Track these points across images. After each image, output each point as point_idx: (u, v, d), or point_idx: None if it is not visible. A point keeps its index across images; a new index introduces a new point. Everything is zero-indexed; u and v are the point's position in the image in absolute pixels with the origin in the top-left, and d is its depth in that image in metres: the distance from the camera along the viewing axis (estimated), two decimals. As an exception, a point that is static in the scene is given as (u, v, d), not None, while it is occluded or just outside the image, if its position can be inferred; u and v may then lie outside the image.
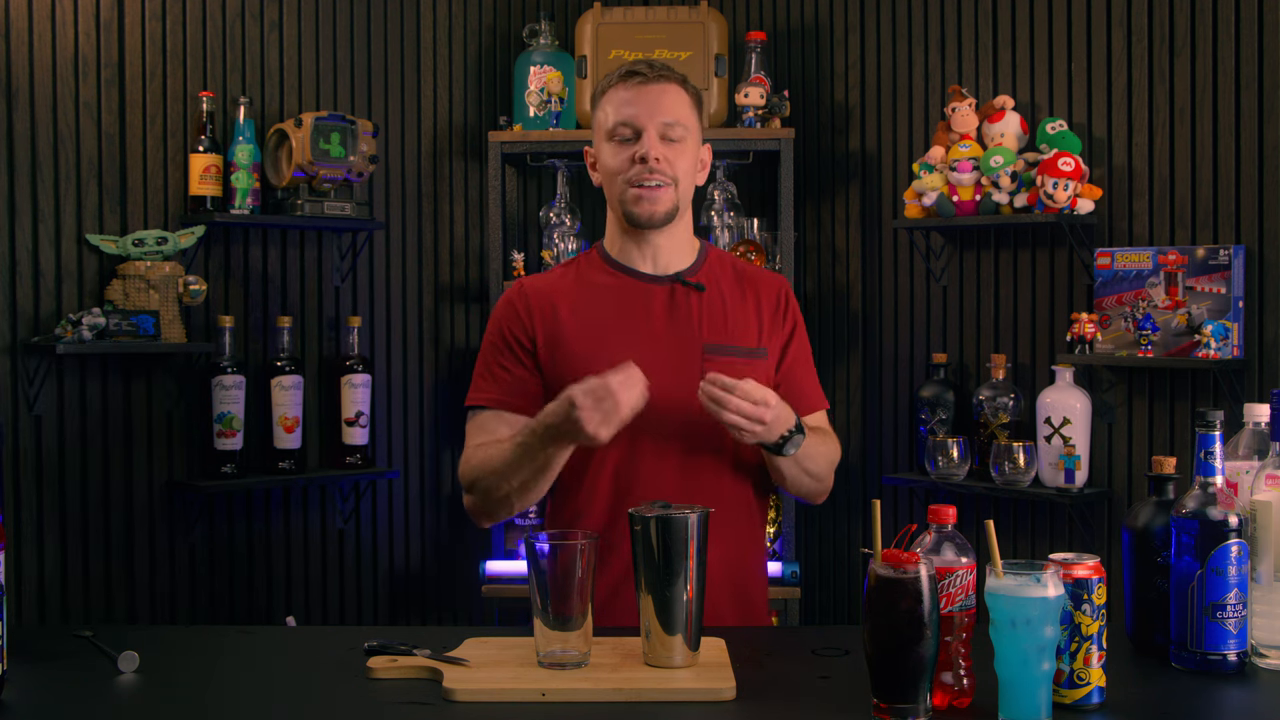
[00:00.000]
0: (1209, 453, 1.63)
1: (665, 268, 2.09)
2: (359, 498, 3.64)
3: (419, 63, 3.76)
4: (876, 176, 3.67)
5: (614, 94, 2.05)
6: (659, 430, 1.99)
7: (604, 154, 2.07)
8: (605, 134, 2.06)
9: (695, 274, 2.10)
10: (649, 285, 2.08)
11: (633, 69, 2.05)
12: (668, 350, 2.03)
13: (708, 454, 2.03)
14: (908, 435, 3.63)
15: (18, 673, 1.63)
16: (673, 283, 2.08)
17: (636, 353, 1.96)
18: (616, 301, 2.07)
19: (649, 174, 2.01)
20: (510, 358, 2.06)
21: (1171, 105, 3.11)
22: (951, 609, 1.50)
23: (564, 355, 2.04)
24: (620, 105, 2.04)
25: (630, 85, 2.04)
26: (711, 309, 2.08)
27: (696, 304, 2.07)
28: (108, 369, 3.18)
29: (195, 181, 3.26)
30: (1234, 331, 2.96)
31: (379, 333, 3.69)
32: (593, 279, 2.11)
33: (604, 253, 2.14)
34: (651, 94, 2.03)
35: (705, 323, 2.06)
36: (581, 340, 2.04)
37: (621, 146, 2.04)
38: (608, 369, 1.88)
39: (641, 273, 2.09)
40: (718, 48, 3.58)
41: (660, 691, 1.55)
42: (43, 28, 3.09)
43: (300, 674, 1.70)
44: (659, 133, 2.02)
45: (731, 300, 2.09)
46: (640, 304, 2.07)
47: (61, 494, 3.12)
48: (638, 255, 2.09)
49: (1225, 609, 1.59)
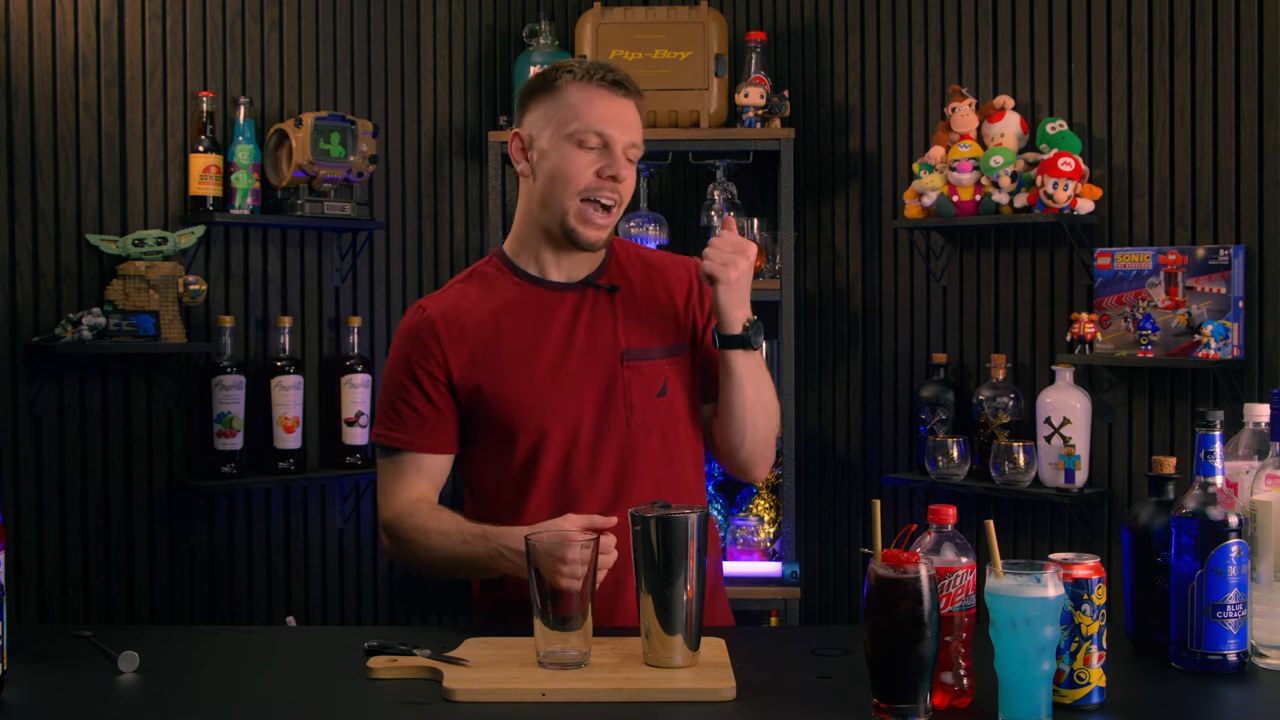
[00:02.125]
0: (1209, 453, 1.63)
1: (573, 274, 2.01)
2: (359, 498, 3.64)
3: (419, 63, 3.76)
4: (876, 176, 3.67)
5: (590, 94, 1.94)
6: (590, 442, 1.95)
7: (562, 154, 1.94)
8: (567, 134, 1.93)
9: (605, 274, 2.02)
10: (559, 295, 1.99)
11: (616, 78, 1.95)
12: (585, 362, 1.96)
13: (640, 459, 1.97)
14: (908, 435, 3.63)
15: (18, 673, 1.62)
16: (583, 288, 2.00)
17: (554, 365, 1.93)
18: (529, 315, 1.98)
19: (610, 192, 1.93)
20: (420, 396, 1.96)
21: (1171, 105, 3.11)
22: (951, 609, 1.50)
23: (476, 381, 1.95)
24: (600, 112, 1.93)
25: (614, 95, 1.95)
26: (627, 309, 2.00)
27: (609, 307, 2.00)
28: (108, 369, 3.18)
29: (195, 181, 3.26)
30: (1234, 331, 2.96)
31: (379, 333, 3.69)
32: (500, 293, 2.00)
33: (508, 261, 2.03)
34: (626, 109, 1.95)
35: (621, 325, 1.99)
36: (493, 364, 1.95)
37: (586, 154, 1.93)
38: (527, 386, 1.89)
39: (551, 281, 2.00)
40: (718, 48, 3.57)
41: (660, 691, 1.55)
42: (43, 28, 3.09)
43: (300, 674, 1.70)
44: (624, 152, 1.94)
45: (645, 296, 2.02)
46: (552, 316, 1.98)
47: (61, 494, 3.12)
48: (552, 265, 2.01)
49: (1225, 609, 1.59)
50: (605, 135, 1.93)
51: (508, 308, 1.98)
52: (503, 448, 1.96)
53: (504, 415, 1.95)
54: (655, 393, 1.98)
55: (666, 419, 1.98)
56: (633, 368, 1.97)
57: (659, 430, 1.97)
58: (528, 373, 1.94)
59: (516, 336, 1.97)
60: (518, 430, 1.94)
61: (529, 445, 1.94)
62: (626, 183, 1.96)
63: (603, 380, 1.96)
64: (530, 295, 2.00)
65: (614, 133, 1.93)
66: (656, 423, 1.97)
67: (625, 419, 1.95)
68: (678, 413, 2.00)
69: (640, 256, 2.08)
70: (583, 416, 1.95)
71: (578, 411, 1.95)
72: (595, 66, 1.97)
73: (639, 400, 1.96)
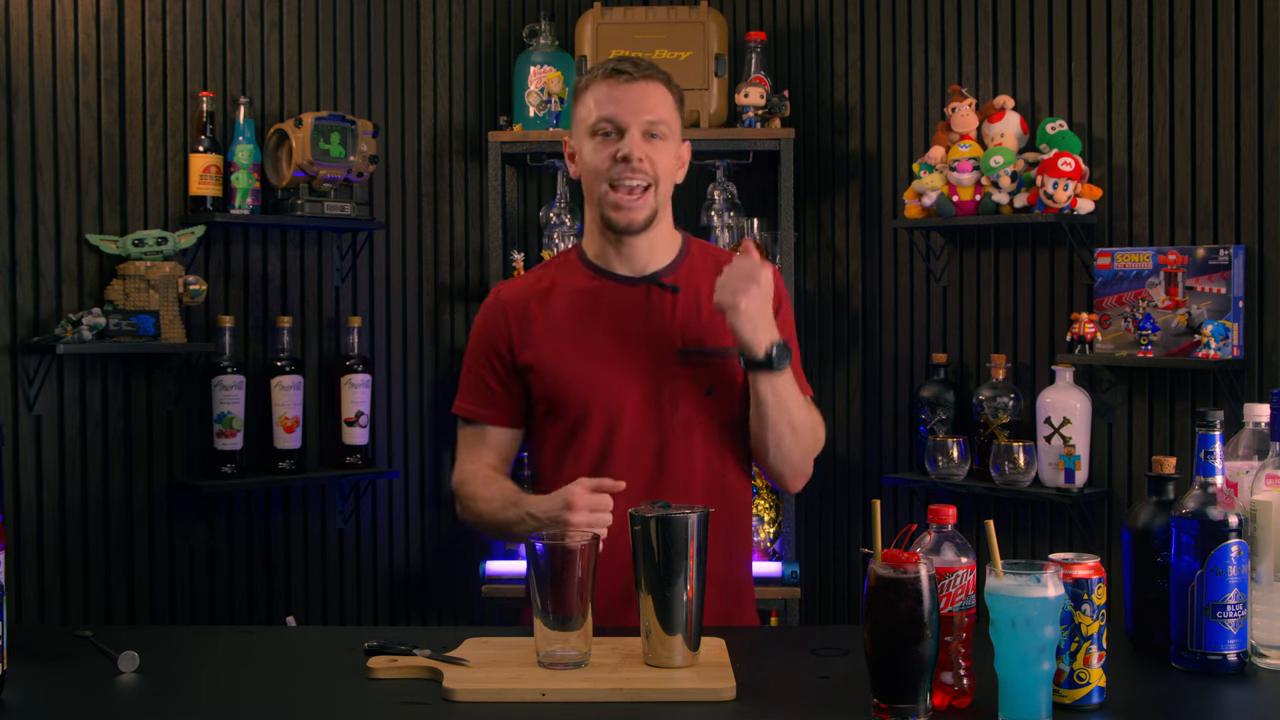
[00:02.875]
0: (1209, 453, 1.63)
1: (643, 268, 2.08)
2: (359, 498, 3.64)
3: (419, 63, 3.76)
4: (876, 176, 3.67)
5: (597, 89, 2.04)
6: (630, 431, 2.01)
7: (584, 150, 2.06)
8: (587, 129, 2.04)
9: (673, 273, 2.09)
10: (624, 288, 2.07)
11: (618, 67, 2.03)
12: (641, 354, 2.03)
13: (680, 454, 2.02)
14: (908, 435, 3.63)
15: (18, 673, 1.63)
16: (648, 284, 2.07)
17: (608, 360, 2.01)
18: (591, 305, 2.07)
19: (630, 173, 2.00)
20: (490, 371, 2.08)
21: (1171, 105, 3.11)
22: (951, 609, 1.50)
23: (538, 362, 2.05)
24: (604, 101, 2.02)
25: (616, 83, 2.02)
26: (687, 310, 2.06)
27: (671, 305, 2.06)
28: (108, 369, 3.18)
29: (195, 181, 3.26)
30: (1234, 331, 2.96)
31: (379, 333, 3.69)
32: (569, 282, 2.10)
33: (582, 254, 2.13)
34: (636, 92, 2.02)
35: (680, 324, 2.05)
36: (554, 347, 2.05)
37: (603, 143, 2.02)
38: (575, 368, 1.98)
39: (618, 275, 2.08)
40: (718, 48, 3.58)
41: (660, 691, 1.55)
42: (43, 28, 3.09)
43: (300, 674, 1.70)
44: (642, 131, 2.01)
45: (708, 298, 2.05)
46: (614, 308, 2.06)
47: (61, 494, 3.12)
48: (615, 257, 2.09)
49: (1225, 609, 1.59)
50: (614, 120, 2.01)
51: (571, 295, 2.08)
52: (549, 427, 2.07)
53: (550, 393, 2.05)
54: (704, 392, 2.04)
55: (712, 418, 2.04)
56: (684, 366, 2.03)
57: (702, 429, 2.03)
58: (578, 356, 2.03)
59: (575, 322, 2.06)
60: (562, 409, 2.04)
61: (569, 425, 2.02)
62: (652, 160, 2.02)
63: (652, 374, 2.02)
64: (597, 286, 2.09)
65: (623, 116, 2.01)
66: (701, 421, 2.03)
67: (670, 413, 2.01)
68: (724, 413, 2.06)
69: (715, 258, 2.14)
70: (625, 405, 2.01)
71: (621, 399, 2.01)
72: (608, 62, 2.07)
73: (686, 397, 2.03)
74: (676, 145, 2.08)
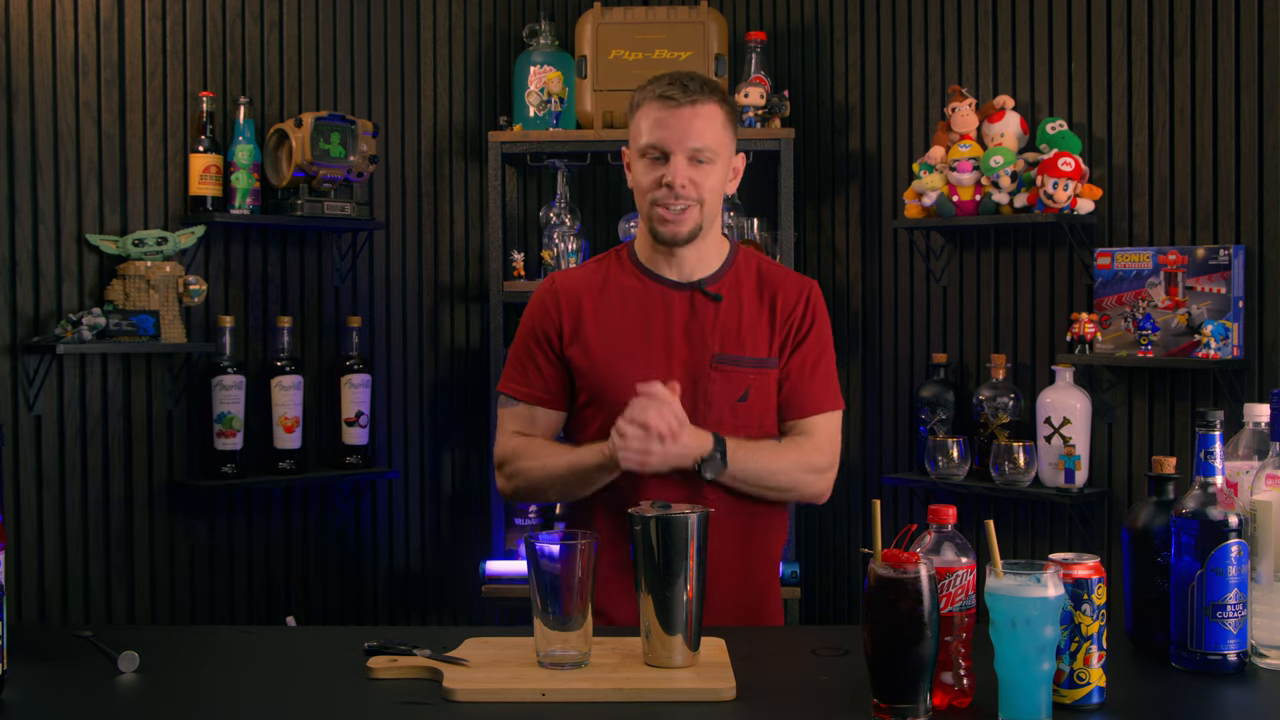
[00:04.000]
0: (1209, 453, 1.63)
1: (690, 274, 2.15)
2: (359, 498, 3.64)
3: (419, 63, 3.76)
4: (876, 176, 3.67)
5: (649, 110, 2.08)
6: None
7: (635, 168, 2.12)
8: (637, 150, 2.11)
9: (717, 282, 2.15)
10: (671, 291, 2.14)
11: (667, 92, 2.07)
12: (681, 357, 2.10)
13: None
14: (908, 435, 3.63)
15: (18, 673, 1.63)
16: (693, 290, 2.14)
17: (651, 357, 2.08)
18: (638, 305, 2.14)
19: (674, 199, 2.06)
20: (540, 354, 2.15)
21: (1171, 105, 3.11)
22: (951, 609, 1.49)
23: (585, 352, 2.13)
24: (653, 126, 2.07)
25: (665, 107, 2.06)
26: (727, 318, 2.13)
27: (713, 313, 2.12)
28: (108, 369, 3.18)
29: (195, 181, 3.26)
30: (1234, 331, 2.96)
31: (379, 333, 3.69)
32: (620, 280, 2.17)
33: (634, 254, 2.20)
34: (683, 118, 2.05)
35: (719, 332, 2.11)
36: (601, 340, 2.12)
37: (651, 166, 2.08)
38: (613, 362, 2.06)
39: (666, 279, 2.15)
40: (718, 48, 3.57)
41: (660, 691, 1.55)
42: (43, 28, 3.09)
43: (300, 674, 1.70)
44: (687, 157, 2.06)
45: (749, 308, 2.14)
46: (660, 310, 2.13)
47: (61, 494, 3.12)
48: (664, 263, 2.16)
49: (1225, 609, 1.59)
50: (660, 147, 2.07)
51: (621, 293, 2.16)
52: (589, 416, 2.14)
53: (589, 385, 2.12)
54: (737, 398, 2.10)
55: (743, 424, 2.09)
56: (720, 371, 2.10)
57: (732, 433, 2.06)
58: (623, 351, 2.10)
59: (620, 319, 2.13)
60: (603, 400, 2.09)
61: (605, 419, 2.05)
62: (697, 184, 2.07)
63: (687, 376, 2.08)
64: (644, 287, 2.16)
65: (669, 143, 2.06)
66: (732, 425, 2.08)
67: (702, 415, 2.05)
68: (755, 420, 2.11)
69: (759, 269, 2.20)
70: None
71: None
72: (657, 81, 2.11)
73: (719, 401, 2.09)
74: (726, 163, 2.13)
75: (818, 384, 2.16)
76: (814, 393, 2.15)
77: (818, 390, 2.16)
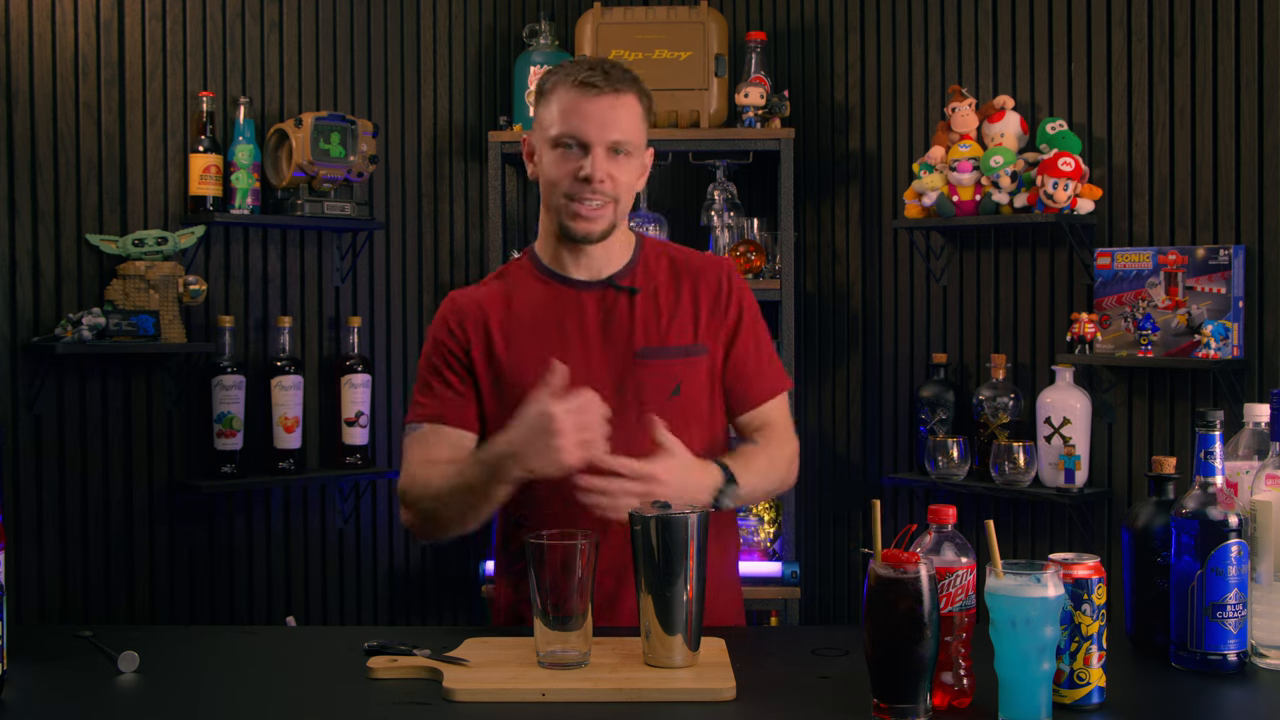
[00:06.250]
0: (1209, 453, 1.63)
1: (599, 272, 2.05)
2: (359, 498, 3.64)
3: (419, 63, 3.76)
4: (876, 176, 3.67)
5: (563, 96, 1.96)
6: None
7: (545, 158, 1.99)
8: (549, 138, 1.97)
9: (629, 275, 2.05)
10: (580, 292, 2.03)
11: (587, 78, 1.95)
12: (601, 357, 2.00)
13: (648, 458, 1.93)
14: (908, 435, 3.63)
15: (18, 673, 1.63)
16: (604, 288, 2.04)
17: (569, 362, 1.91)
18: (548, 310, 2.03)
19: (591, 193, 1.95)
20: (448, 371, 2.02)
21: (1171, 105, 3.11)
22: (951, 609, 1.50)
23: (498, 367, 2.01)
24: (568, 113, 1.95)
25: (584, 95, 1.95)
26: (645, 311, 2.03)
27: (628, 308, 2.03)
28: (108, 369, 3.18)
29: (195, 181, 3.26)
30: (1234, 331, 2.96)
31: (379, 333, 3.69)
32: (524, 288, 2.06)
33: (535, 259, 2.09)
34: (603, 106, 1.94)
35: (639, 326, 2.01)
36: (513, 355, 2.01)
37: (565, 157, 1.96)
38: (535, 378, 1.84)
39: (573, 279, 2.05)
40: (718, 48, 3.57)
41: (660, 691, 1.55)
42: (43, 28, 3.09)
43: (300, 674, 1.70)
44: (606, 149, 1.95)
45: (666, 298, 2.04)
46: (572, 313, 2.02)
47: (61, 494, 3.12)
48: (571, 262, 2.05)
49: (1225, 609, 1.59)
50: (579, 138, 1.95)
51: (529, 303, 2.04)
52: None
53: (513, 405, 1.92)
54: (668, 394, 1.99)
55: (679, 420, 1.95)
56: (646, 367, 1.99)
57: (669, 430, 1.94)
58: (535, 364, 1.92)
59: (530, 329, 2.02)
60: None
61: None
62: (614, 180, 1.96)
63: (613, 378, 1.98)
64: (552, 292, 2.05)
65: (589, 134, 1.94)
66: (667, 423, 1.94)
67: (635, 418, 1.94)
68: (692, 414, 2.01)
69: (669, 256, 2.10)
70: None
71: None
72: (576, 66, 1.98)
73: (650, 400, 1.98)
74: (641, 157, 2.02)
75: (764, 371, 2.09)
76: (764, 381, 2.08)
77: (767, 377, 2.09)
